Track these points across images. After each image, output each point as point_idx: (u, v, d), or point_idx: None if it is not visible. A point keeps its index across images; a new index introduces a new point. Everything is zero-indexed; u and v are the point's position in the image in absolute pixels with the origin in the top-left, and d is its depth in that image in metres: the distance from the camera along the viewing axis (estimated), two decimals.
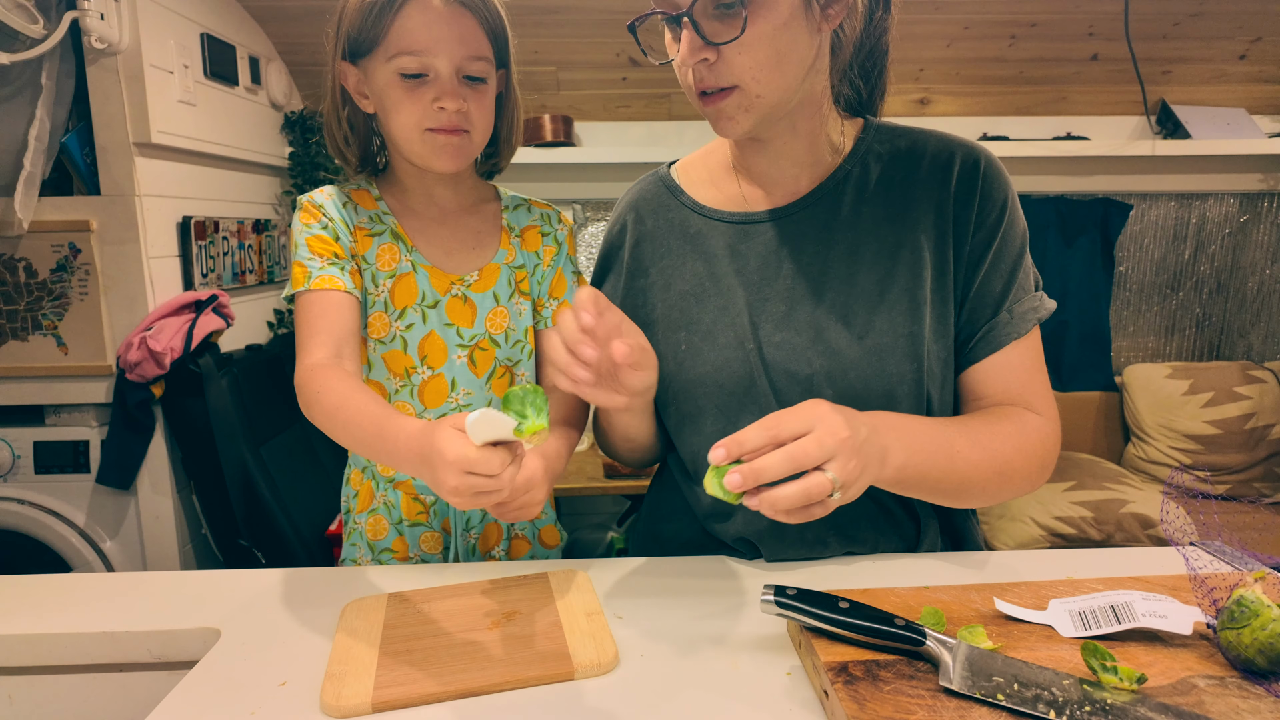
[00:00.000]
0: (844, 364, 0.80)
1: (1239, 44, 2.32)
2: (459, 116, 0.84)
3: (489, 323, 0.94)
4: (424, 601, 0.74)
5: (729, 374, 0.82)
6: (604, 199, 2.54)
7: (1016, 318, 0.81)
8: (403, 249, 0.91)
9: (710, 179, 0.91)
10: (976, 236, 0.81)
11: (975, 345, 0.82)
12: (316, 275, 0.85)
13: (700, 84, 0.75)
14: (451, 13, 0.82)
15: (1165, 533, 0.68)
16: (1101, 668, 0.56)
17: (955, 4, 2.14)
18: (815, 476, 0.60)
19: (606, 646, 0.65)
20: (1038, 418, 0.81)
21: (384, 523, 0.96)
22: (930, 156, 0.83)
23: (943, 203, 0.82)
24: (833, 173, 0.84)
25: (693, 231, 0.88)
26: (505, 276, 0.95)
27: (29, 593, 0.80)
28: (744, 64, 0.72)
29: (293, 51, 2.26)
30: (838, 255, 0.83)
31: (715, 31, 0.72)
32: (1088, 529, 1.99)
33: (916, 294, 0.80)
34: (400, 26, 0.82)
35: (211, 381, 1.70)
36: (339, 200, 0.91)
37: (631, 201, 0.93)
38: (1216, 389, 2.36)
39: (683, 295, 0.86)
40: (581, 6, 2.09)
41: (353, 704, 0.59)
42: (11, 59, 1.44)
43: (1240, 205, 2.58)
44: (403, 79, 0.83)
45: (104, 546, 1.74)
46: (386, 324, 0.91)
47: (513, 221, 0.98)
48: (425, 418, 0.91)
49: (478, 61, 0.84)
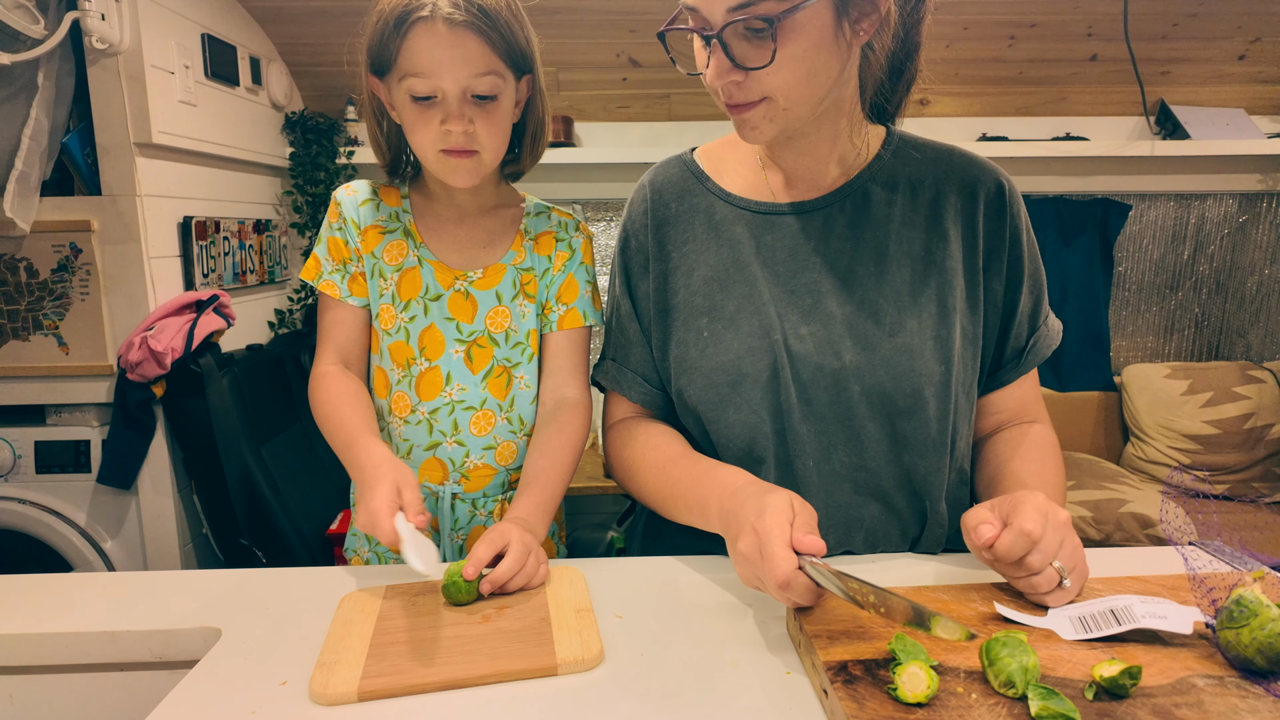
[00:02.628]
0: (874, 360, 0.80)
1: (1238, 44, 2.32)
2: (466, 138, 0.85)
3: (489, 320, 0.94)
4: (420, 594, 0.75)
5: (752, 363, 0.82)
6: (604, 199, 2.54)
7: (1041, 341, 0.89)
8: (411, 244, 0.94)
9: (736, 167, 0.90)
10: (1012, 253, 0.85)
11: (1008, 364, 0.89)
12: (324, 278, 0.95)
13: (729, 99, 0.75)
14: (455, 35, 0.81)
15: (1164, 532, 0.68)
16: None
17: (955, 4, 2.14)
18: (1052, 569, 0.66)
19: (592, 643, 0.66)
20: (1047, 428, 0.90)
21: None
22: (959, 171, 0.86)
23: (972, 218, 0.84)
24: (860, 172, 0.85)
25: (717, 218, 0.88)
26: (511, 277, 0.95)
27: (30, 592, 0.80)
28: (773, 83, 0.72)
29: (293, 52, 2.26)
30: (865, 252, 0.83)
31: (745, 55, 0.71)
32: (1087, 529, 1.99)
33: (948, 300, 0.82)
34: (407, 49, 0.82)
35: (212, 381, 1.70)
36: (361, 196, 0.95)
37: (653, 184, 0.92)
38: (1215, 389, 2.36)
39: (706, 281, 0.86)
40: (581, 7, 2.10)
41: (340, 692, 0.60)
42: (12, 59, 1.44)
43: (1239, 205, 2.58)
44: (413, 101, 0.84)
45: (105, 546, 1.75)
46: (394, 316, 0.94)
47: (530, 226, 0.98)
48: (420, 410, 0.94)
49: (486, 79, 0.83)
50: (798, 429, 0.81)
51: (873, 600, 0.60)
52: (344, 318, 0.94)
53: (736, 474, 0.78)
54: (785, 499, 0.67)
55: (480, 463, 0.96)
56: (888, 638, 0.61)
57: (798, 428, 0.81)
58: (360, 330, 0.96)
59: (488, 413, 0.95)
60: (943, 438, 0.82)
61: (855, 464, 0.82)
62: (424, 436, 0.95)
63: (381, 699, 0.60)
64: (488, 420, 0.95)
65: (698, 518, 0.79)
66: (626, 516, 2.44)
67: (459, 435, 0.95)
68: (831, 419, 0.82)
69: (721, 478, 0.78)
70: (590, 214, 2.56)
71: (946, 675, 0.57)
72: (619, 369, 0.94)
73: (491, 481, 0.97)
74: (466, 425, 0.95)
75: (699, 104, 2.45)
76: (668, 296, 0.88)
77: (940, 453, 0.82)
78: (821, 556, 0.64)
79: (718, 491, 0.76)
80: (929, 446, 0.82)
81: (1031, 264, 0.87)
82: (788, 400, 0.81)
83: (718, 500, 0.75)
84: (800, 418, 0.81)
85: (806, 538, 0.63)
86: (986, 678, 0.56)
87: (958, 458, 0.86)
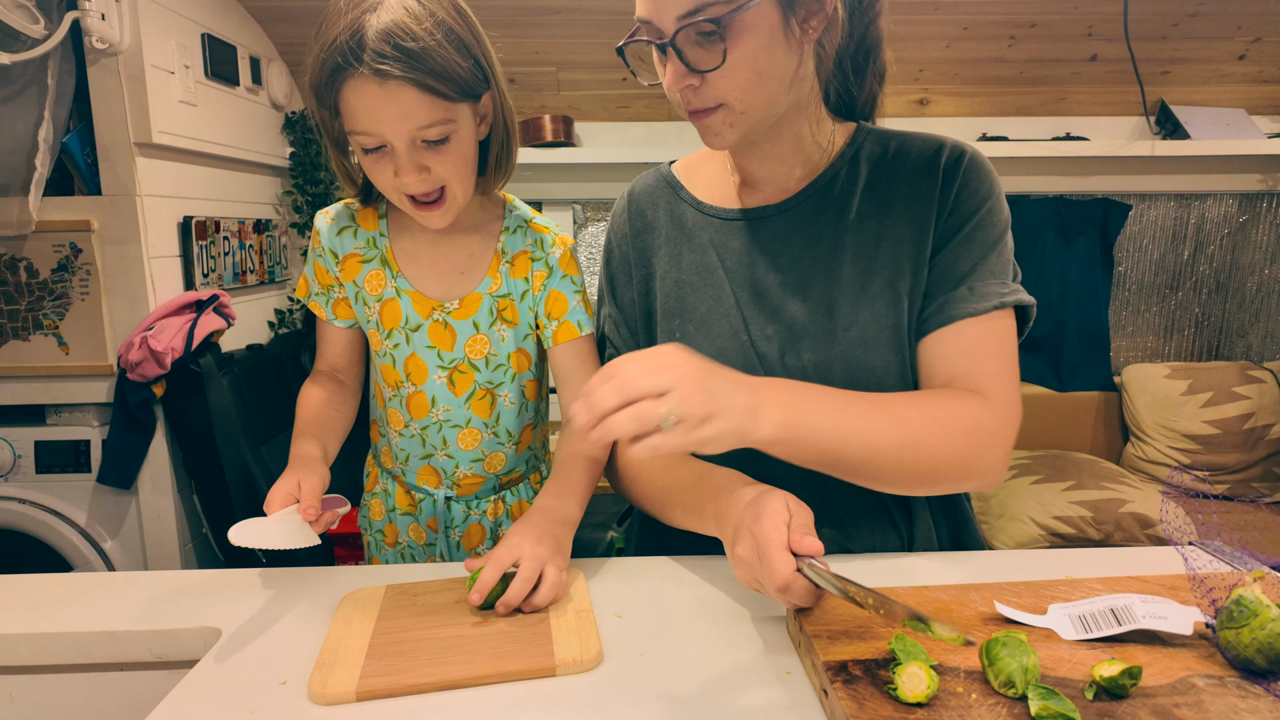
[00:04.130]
0: (830, 357, 0.81)
1: (1238, 44, 2.32)
2: (426, 183, 0.81)
3: (468, 348, 0.95)
4: (420, 594, 0.75)
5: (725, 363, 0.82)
6: (604, 199, 2.54)
7: (977, 294, 0.79)
8: (389, 274, 0.94)
9: (708, 177, 0.93)
10: (951, 219, 0.81)
11: (929, 316, 0.80)
12: (312, 299, 0.99)
13: (687, 105, 0.77)
14: (388, 91, 0.75)
15: (1164, 532, 0.68)
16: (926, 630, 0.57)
17: (955, 4, 2.14)
18: (647, 402, 0.59)
19: (591, 644, 0.66)
20: (978, 398, 0.76)
21: (381, 507, 1.05)
22: (917, 152, 0.84)
23: (926, 193, 0.82)
24: (822, 172, 0.86)
25: (689, 225, 0.90)
26: (487, 306, 0.94)
27: (30, 592, 0.80)
28: (727, 86, 0.74)
29: (293, 52, 2.26)
30: (823, 251, 0.84)
31: (698, 59, 0.73)
32: (1087, 529, 1.99)
33: (897, 285, 0.81)
34: (344, 103, 0.78)
35: (212, 381, 1.70)
36: (338, 225, 0.95)
37: (632, 195, 0.96)
38: (1215, 389, 2.36)
39: (678, 284, 0.88)
40: (581, 7, 2.09)
41: (338, 692, 0.60)
42: (12, 59, 1.45)
43: (1239, 205, 2.58)
44: (365, 152, 0.81)
45: (105, 546, 1.75)
46: (379, 341, 0.96)
47: (507, 246, 0.95)
48: (413, 425, 0.98)
49: (433, 128, 0.78)
50: None
51: (871, 602, 0.60)
52: (331, 335, 1.00)
53: (731, 476, 0.77)
54: (781, 501, 0.67)
55: (470, 472, 0.99)
56: (888, 638, 0.61)
57: None
58: (346, 346, 1.01)
59: (474, 430, 0.97)
60: None
61: None
62: (418, 448, 0.99)
63: (380, 699, 0.60)
64: (474, 437, 0.98)
65: (695, 522, 0.79)
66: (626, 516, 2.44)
67: (448, 449, 0.98)
68: None
69: (716, 480, 0.78)
70: (590, 214, 2.56)
71: (946, 675, 0.57)
72: None
73: (483, 486, 1.01)
74: (455, 441, 0.97)
75: None
76: (650, 301, 0.91)
77: None
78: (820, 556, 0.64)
79: (712, 495, 0.76)
80: None
81: (982, 231, 0.80)
82: None
83: (713, 504, 0.75)
84: None
85: (804, 539, 0.63)
86: (986, 678, 0.56)
87: None
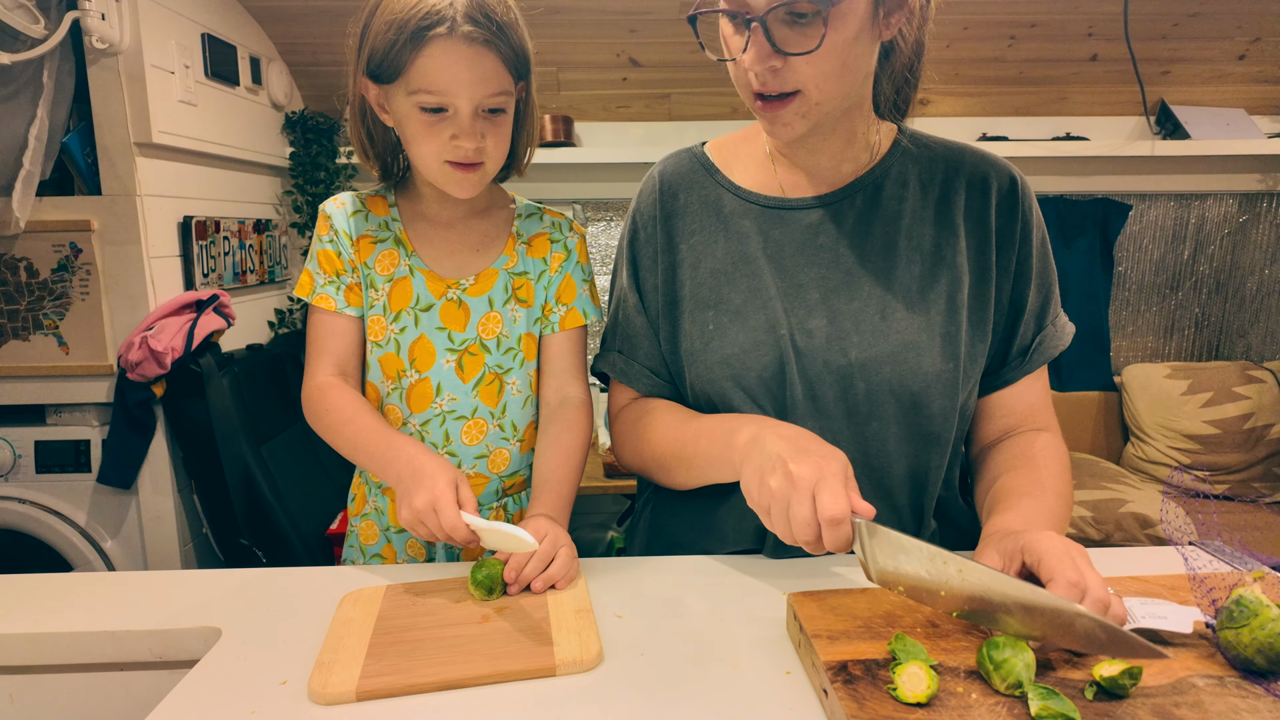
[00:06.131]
0: (880, 357, 0.80)
1: (1238, 44, 2.32)
2: (475, 152, 0.84)
3: (481, 327, 0.93)
4: (421, 594, 0.75)
5: (758, 357, 0.82)
6: (604, 199, 2.54)
7: (1047, 346, 0.87)
8: (403, 254, 0.92)
9: (746, 162, 0.90)
10: (1022, 250, 0.84)
11: (1028, 358, 0.87)
12: (318, 292, 0.92)
13: (763, 87, 0.74)
14: (474, 53, 0.79)
15: (1164, 532, 0.68)
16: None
17: (955, 4, 2.14)
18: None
19: (590, 644, 0.66)
20: (1050, 435, 0.86)
21: (374, 528, 0.99)
22: (969, 167, 0.85)
23: (983, 214, 0.84)
24: (871, 169, 0.85)
25: (726, 211, 0.88)
26: (503, 282, 0.94)
27: (30, 592, 0.80)
28: (810, 73, 0.72)
29: (293, 51, 2.26)
30: (874, 249, 0.83)
31: (786, 39, 0.70)
32: (1087, 528, 1.99)
33: (956, 297, 0.82)
34: (422, 63, 0.79)
35: (212, 381, 1.70)
36: (350, 209, 0.94)
37: (663, 176, 0.92)
38: (1215, 389, 2.36)
39: (713, 273, 0.86)
40: (581, 6, 2.09)
41: (338, 691, 0.60)
42: (12, 59, 1.44)
43: (1239, 205, 2.58)
44: (422, 112, 0.82)
45: (105, 546, 1.75)
46: (383, 328, 0.92)
47: (523, 229, 0.97)
48: (412, 422, 0.94)
49: (498, 96, 0.83)
50: (803, 424, 0.81)
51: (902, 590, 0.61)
52: (341, 329, 0.93)
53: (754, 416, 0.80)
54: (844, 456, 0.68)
55: (472, 472, 0.95)
56: (888, 637, 0.61)
57: (803, 423, 0.81)
58: (357, 340, 0.95)
59: (479, 421, 0.94)
60: (947, 436, 0.82)
61: (859, 460, 0.82)
62: None
63: (380, 699, 0.60)
64: (479, 429, 0.94)
65: (720, 449, 0.77)
66: (626, 516, 2.45)
67: (450, 446, 0.94)
68: (837, 415, 0.82)
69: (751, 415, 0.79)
70: (590, 214, 2.56)
71: (946, 675, 0.57)
72: (626, 361, 0.93)
73: (485, 490, 0.96)
74: (458, 435, 0.94)
75: (699, 104, 2.46)
76: (675, 289, 0.88)
77: (944, 451, 0.82)
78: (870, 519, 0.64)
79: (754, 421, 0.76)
80: (934, 444, 0.81)
81: (1041, 262, 0.86)
82: (793, 395, 0.81)
83: (755, 425, 0.74)
84: (805, 413, 0.81)
85: (860, 501, 0.64)
86: (989, 680, 0.56)
87: (959, 456, 0.86)
